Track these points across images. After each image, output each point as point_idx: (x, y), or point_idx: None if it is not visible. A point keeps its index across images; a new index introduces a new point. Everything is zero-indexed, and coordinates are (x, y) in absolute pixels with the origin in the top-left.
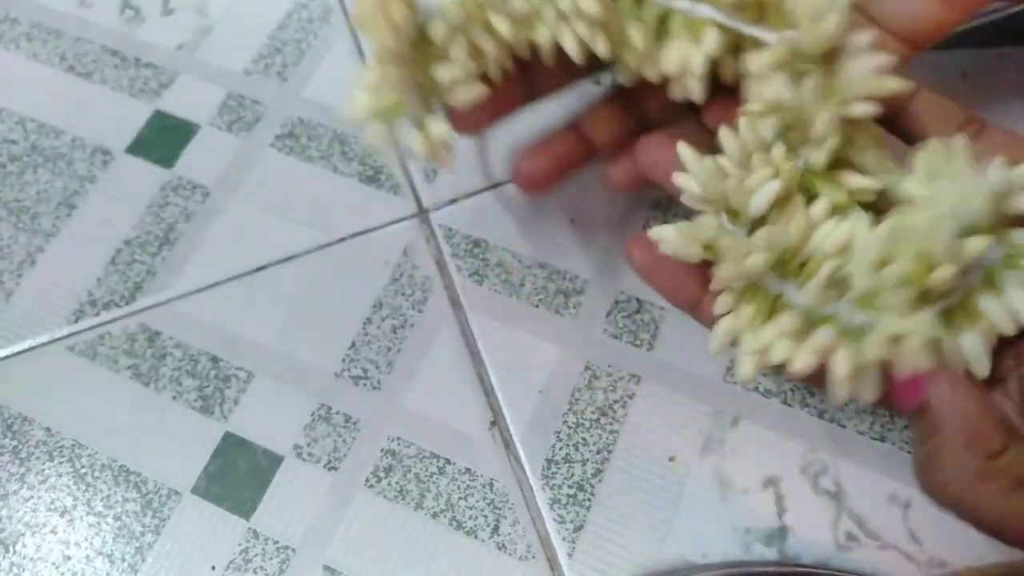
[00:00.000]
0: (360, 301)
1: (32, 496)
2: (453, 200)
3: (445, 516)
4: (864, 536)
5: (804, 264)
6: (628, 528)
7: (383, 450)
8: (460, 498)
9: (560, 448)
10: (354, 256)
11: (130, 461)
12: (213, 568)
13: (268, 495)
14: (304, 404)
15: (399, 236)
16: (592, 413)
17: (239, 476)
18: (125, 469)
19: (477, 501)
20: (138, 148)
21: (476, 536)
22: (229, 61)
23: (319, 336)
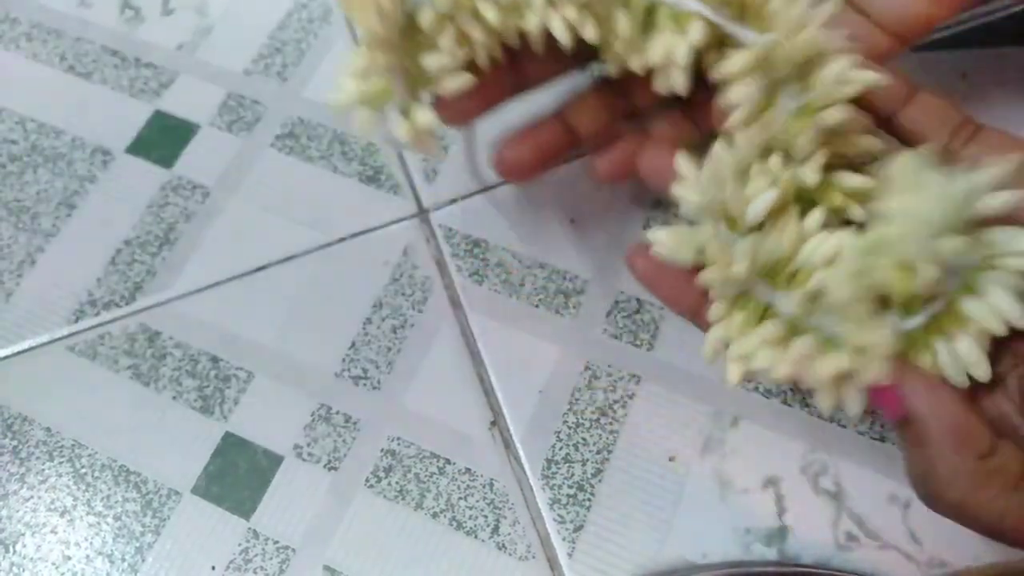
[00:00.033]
0: (360, 301)
1: (32, 496)
2: (453, 200)
3: (445, 516)
4: (864, 536)
5: (795, 274)
6: (628, 528)
7: (383, 450)
8: (460, 498)
9: (560, 448)
10: (354, 256)
11: (130, 461)
12: (213, 568)
13: (268, 495)
14: (304, 404)
15: (399, 236)
16: (592, 413)
17: (239, 476)
18: (125, 469)
19: (477, 501)
20: (138, 148)
21: (476, 536)
22: (229, 61)
23: (319, 336)
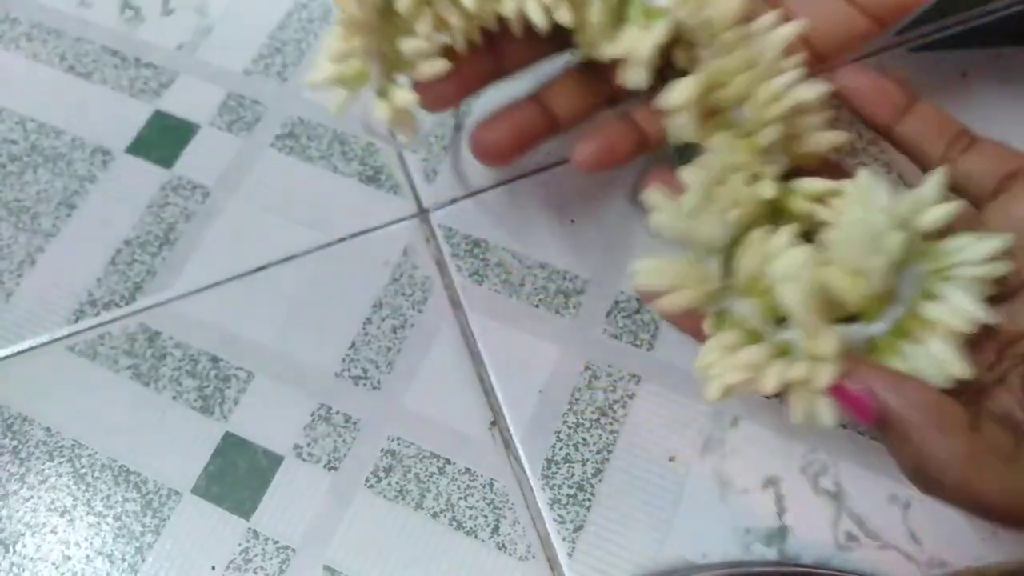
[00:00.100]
0: (360, 301)
1: (32, 496)
2: (453, 200)
3: (445, 516)
4: (864, 536)
5: (767, 289)
6: (628, 528)
7: (383, 450)
8: (460, 498)
9: (560, 448)
10: (354, 256)
11: (130, 461)
12: (213, 568)
13: (268, 495)
14: (304, 404)
15: (399, 236)
16: (592, 413)
17: (239, 476)
18: (125, 469)
19: (477, 501)
20: (138, 148)
21: (476, 536)
22: (229, 61)
23: (319, 336)
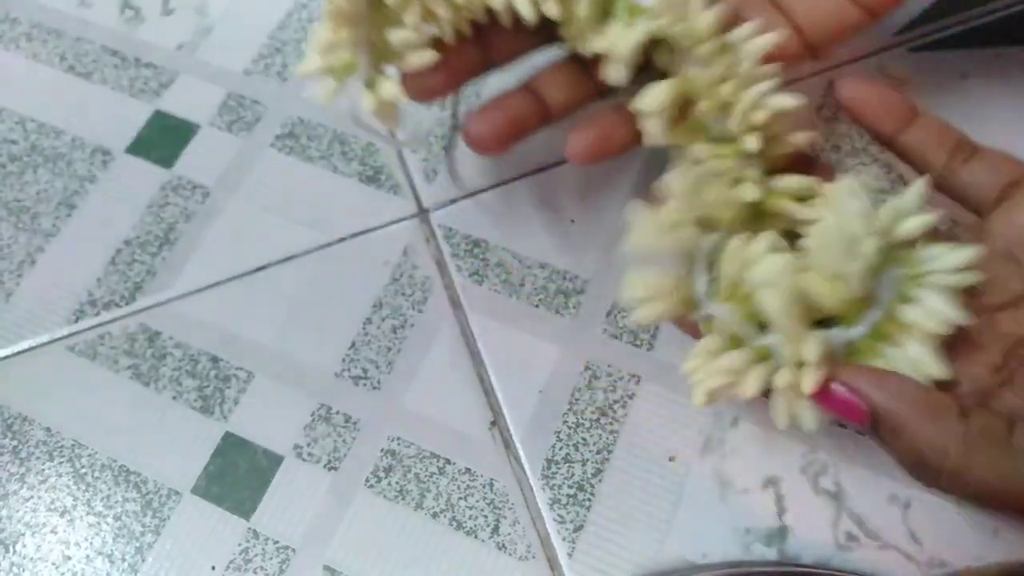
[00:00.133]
0: (360, 301)
1: (32, 496)
2: (453, 200)
3: (445, 516)
4: (864, 536)
5: (748, 296)
6: (628, 528)
7: (383, 450)
8: (460, 498)
9: (560, 448)
10: (354, 256)
11: (130, 461)
12: (213, 568)
13: (268, 495)
14: (304, 404)
15: (399, 236)
16: (592, 413)
17: (239, 476)
18: (125, 469)
19: (477, 501)
20: (138, 148)
21: (476, 536)
22: (229, 61)
23: (319, 336)
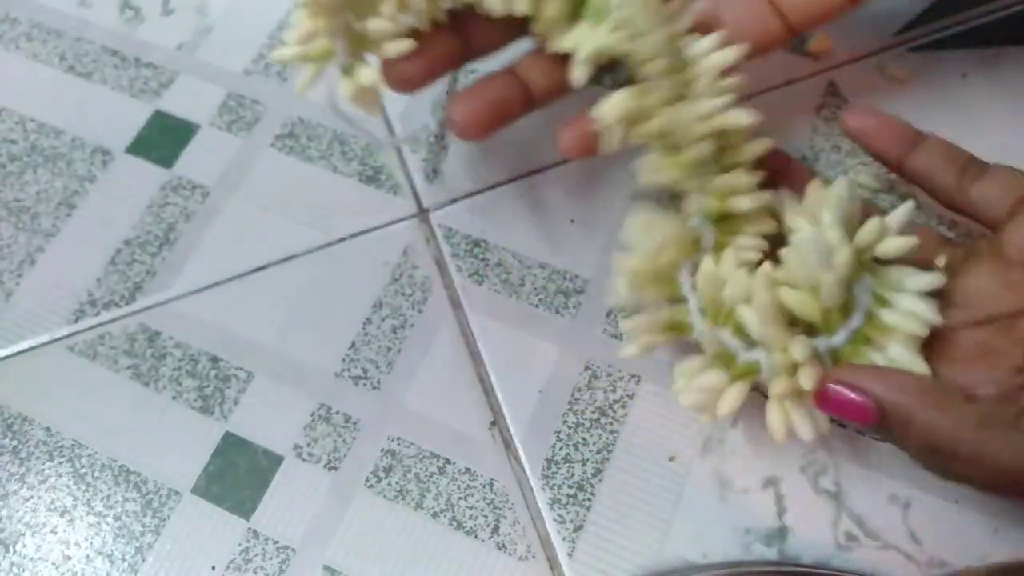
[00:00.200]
0: (360, 301)
1: (32, 496)
2: (453, 200)
3: (445, 516)
4: (864, 536)
5: (729, 313)
6: (628, 528)
7: (383, 450)
8: (460, 498)
9: (560, 448)
10: (354, 256)
11: (130, 461)
12: (213, 568)
13: (268, 495)
14: (304, 404)
15: (399, 236)
16: (592, 413)
17: (239, 476)
18: (125, 469)
19: (477, 501)
20: (138, 148)
21: (476, 536)
22: (229, 61)
23: (319, 336)
